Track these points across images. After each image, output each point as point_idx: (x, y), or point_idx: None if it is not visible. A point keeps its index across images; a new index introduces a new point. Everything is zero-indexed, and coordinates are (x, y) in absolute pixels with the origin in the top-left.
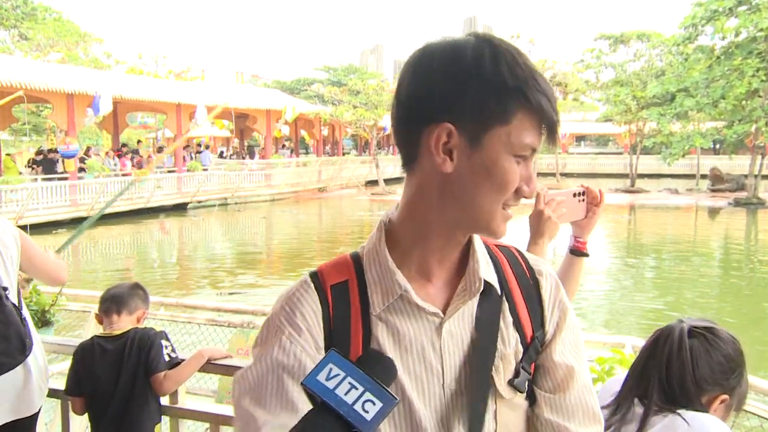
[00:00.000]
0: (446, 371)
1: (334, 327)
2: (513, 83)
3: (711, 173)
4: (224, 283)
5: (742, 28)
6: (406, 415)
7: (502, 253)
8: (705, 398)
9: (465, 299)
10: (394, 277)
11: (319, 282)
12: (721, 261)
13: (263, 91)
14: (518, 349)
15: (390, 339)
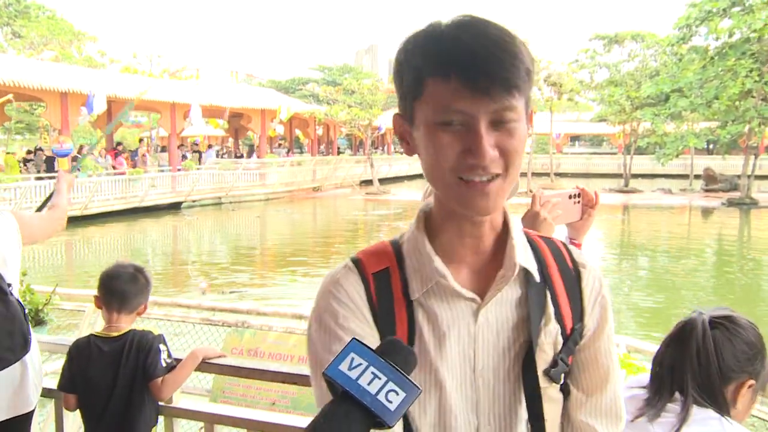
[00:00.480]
0: (478, 357)
1: (378, 312)
2: (421, 55)
3: (704, 173)
4: (219, 281)
5: (735, 29)
6: (439, 400)
7: (545, 244)
8: (732, 386)
9: (502, 285)
10: (433, 264)
11: (361, 269)
12: (715, 260)
13: (258, 90)
14: (557, 340)
15: (428, 324)
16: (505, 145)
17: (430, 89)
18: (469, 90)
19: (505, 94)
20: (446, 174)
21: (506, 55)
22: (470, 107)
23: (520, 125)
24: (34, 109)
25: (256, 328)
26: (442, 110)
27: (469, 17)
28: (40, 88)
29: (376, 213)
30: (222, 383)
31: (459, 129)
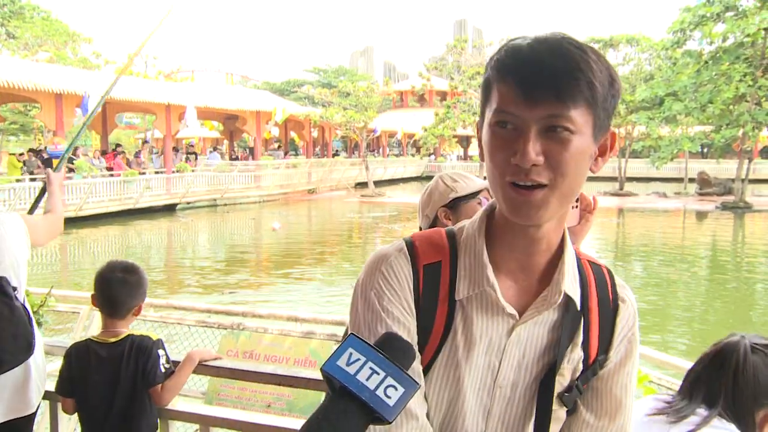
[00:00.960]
0: (502, 369)
1: (422, 302)
2: (495, 65)
3: (699, 177)
4: (215, 282)
5: (729, 34)
6: (453, 397)
7: (592, 271)
8: (763, 412)
9: (542, 309)
10: (485, 271)
11: (414, 257)
12: (709, 264)
13: (253, 92)
14: (578, 367)
15: (463, 326)
16: (553, 153)
17: (494, 94)
18: (522, 95)
19: (556, 102)
20: (497, 175)
21: (564, 67)
22: (522, 111)
23: (576, 138)
24: (28, 110)
25: (252, 330)
26: (499, 112)
27: (553, 34)
28: (34, 89)
29: (371, 215)
30: (217, 385)
31: (511, 131)
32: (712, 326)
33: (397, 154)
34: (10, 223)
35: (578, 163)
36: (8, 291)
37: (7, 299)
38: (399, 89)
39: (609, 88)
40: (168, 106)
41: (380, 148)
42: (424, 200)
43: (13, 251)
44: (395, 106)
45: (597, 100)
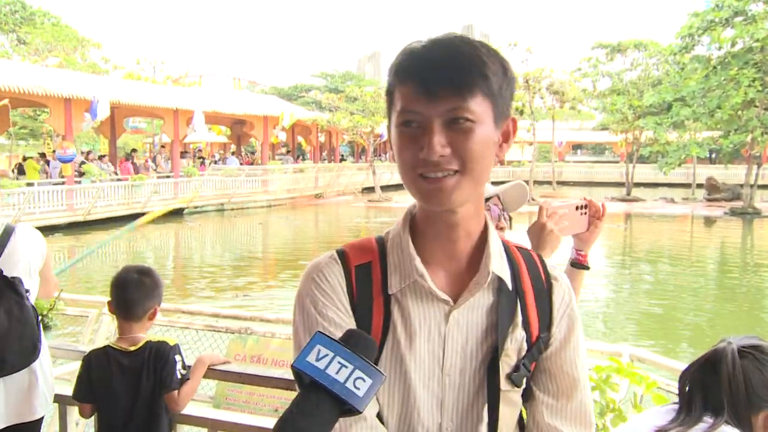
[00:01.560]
0: (447, 357)
1: (357, 302)
2: (393, 70)
3: (707, 183)
4: (223, 286)
5: (738, 39)
6: (404, 393)
7: (520, 254)
8: (762, 415)
9: (475, 291)
10: (413, 262)
11: (345, 260)
12: (718, 269)
13: (260, 97)
14: (522, 346)
15: (401, 319)
16: (459, 143)
17: (397, 97)
18: (423, 93)
19: (455, 96)
20: (408, 171)
21: (459, 62)
22: (424, 108)
23: (477, 127)
24: (38, 114)
25: (260, 334)
26: (403, 112)
27: (446, 35)
28: (44, 93)
29: (378, 220)
30: (225, 390)
31: (416, 129)
32: (721, 332)
33: None
34: (28, 233)
35: (483, 150)
36: (20, 291)
37: (19, 298)
38: None
39: (503, 78)
40: (176, 111)
41: (387, 153)
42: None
43: (27, 259)
44: None
45: (493, 90)
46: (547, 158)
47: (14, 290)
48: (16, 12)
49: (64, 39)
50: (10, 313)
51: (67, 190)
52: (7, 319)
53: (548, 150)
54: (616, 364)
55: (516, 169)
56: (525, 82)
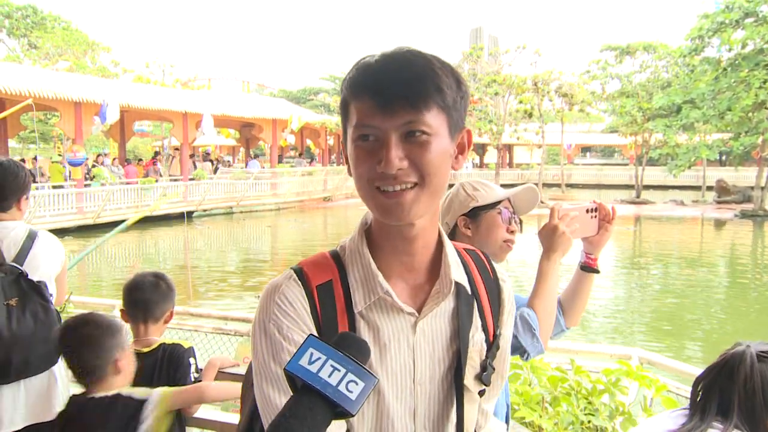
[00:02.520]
0: (417, 367)
1: (322, 323)
2: (347, 85)
3: (717, 185)
4: (234, 289)
5: (748, 40)
6: (376, 407)
7: (469, 256)
8: None
9: (438, 300)
10: (377, 279)
11: (305, 280)
12: (728, 272)
13: (269, 100)
14: (482, 347)
15: (370, 335)
16: (416, 156)
17: (353, 111)
18: (378, 107)
19: (411, 109)
20: (365, 184)
21: (413, 76)
22: (380, 122)
23: (434, 139)
24: (48, 118)
25: None
26: (359, 127)
27: (398, 48)
28: (54, 97)
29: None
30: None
31: (373, 143)
32: (732, 335)
33: None
34: (50, 240)
35: (440, 162)
36: (46, 294)
37: (44, 301)
38: None
39: (457, 91)
40: (185, 114)
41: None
42: (444, 208)
43: (48, 264)
44: None
45: (447, 103)
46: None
47: (40, 294)
48: (27, 17)
49: (74, 43)
50: (35, 316)
51: (77, 193)
52: (32, 322)
53: (557, 153)
54: (626, 367)
55: (525, 171)
56: (534, 85)
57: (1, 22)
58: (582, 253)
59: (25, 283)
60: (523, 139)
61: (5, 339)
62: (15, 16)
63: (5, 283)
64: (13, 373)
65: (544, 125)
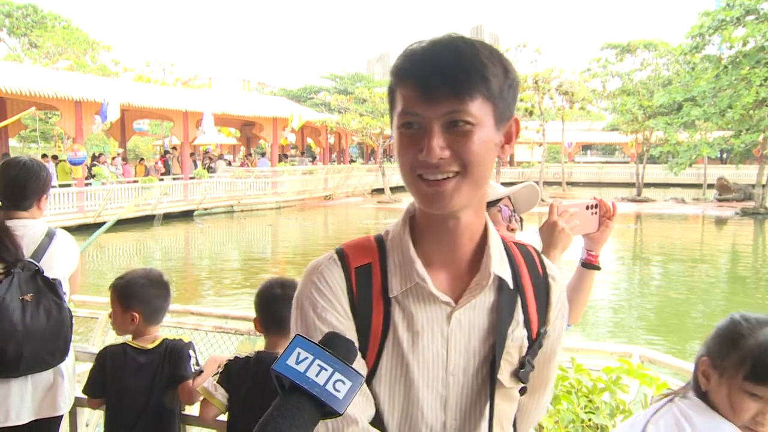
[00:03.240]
0: (451, 357)
1: (357, 304)
2: (394, 71)
3: (718, 183)
4: (234, 287)
5: (749, 38)
6: (407, 394)
7: (519, 251)
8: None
9: (476, 292)
10: (414, 266)
11: (345, 262)
12: (729, 270)
13: (269, 98)
14: (523, 344)
15: (404, 321)
16: (458, 146)
17: (398, 98)
18: (423, 96)
19: (454, 99)
20: (408, 171)
21: (458, 65)
22: (424, 110)
23: (477, 129)
24: (48, 117)
25: None
26: (403, 114)
27: (447, 35)
28: (55, 96)
29: (388, 221)
30: None
31: (417, 130)
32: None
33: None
34: (67, 239)
35: (484, 152)
36: (60, 292)
37: (58, 299)
38: None
39: (504, 80)
40: (185, 113)
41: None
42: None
43: (63, 263)
44: None
45: (493, 93)
46: (557, 159)
47: (54, 291)
48: (27, 16)
49: (74, 42)
50: (49, 313)
51: (78, 192)
52: (46, 319)
53: (558, 151)
54: (626, 365)
55: (526, 170)
56: (534, 83)
57: (2, 21)
58: (583, 250)
59: (41, 280)
60: (523, 137)
61: (18, 333)
62: (15, 15)
63: (22, 279)
64: (23, 367)
65: (544, 123)
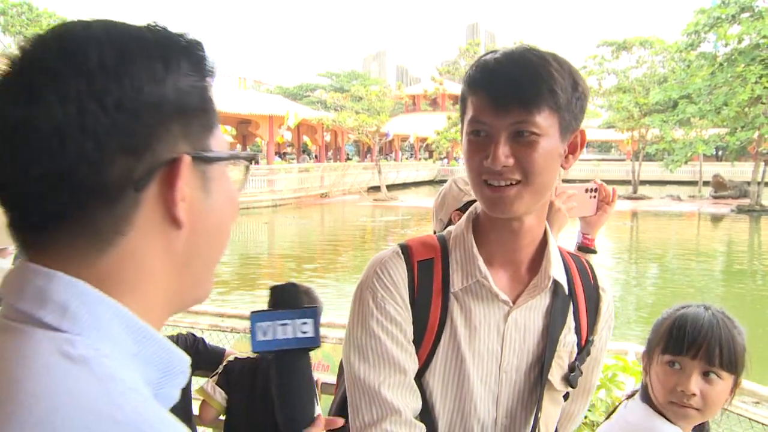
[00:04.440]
0: (505, 355)
1: (417, 297)
2: (467, 79)
3: (713, 180)
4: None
5: (744, 35)
6: (461, 388)
7: (573, 261)
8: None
9: (534, 294)
10: (477, 263)
11: (408, 256)
12: (725, 267)
13: (266, 96)
14: (573, 349)
15: (462, 317)
16: (522, 156)
17: (468, 106)
18: (491, 105)
19: (522, 110)
20: (475, 176)
21: (527, 78)
22: (492, 119)
23: (542, 140)
24: None
25: None
26: (473, 122)
27: (519, 47)
28: None
29: (384, 219)
30: None
31: (484, 138)
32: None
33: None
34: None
35: (547, 162)
36: None
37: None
38: (411, 93)
39: (572, 92)
40: None
41: (393, 152)
42: (438, 204)
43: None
44: (408, 110)
45: (560, 105)
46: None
47: None
48: (22, 14)
49: None
50: None
51: None
52: None
53: None
54: (622, 362)
55: None
56: None
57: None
58: (579, 234)
59: None
60: None
61: None
62: (10, 12)
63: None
64: None
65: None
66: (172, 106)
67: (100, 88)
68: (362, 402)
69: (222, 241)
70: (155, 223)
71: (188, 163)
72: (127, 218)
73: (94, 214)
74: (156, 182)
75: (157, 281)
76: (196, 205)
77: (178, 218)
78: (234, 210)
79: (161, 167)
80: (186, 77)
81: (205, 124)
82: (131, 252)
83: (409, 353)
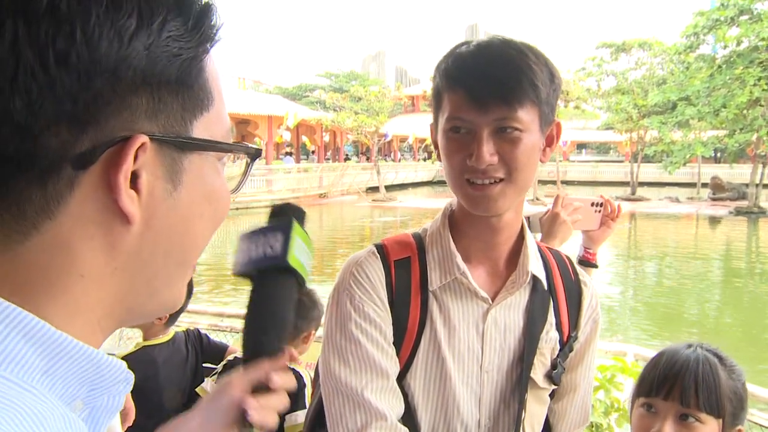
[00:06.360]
0: (485, 354)
1: (395, 297)
2: (443, 74)
3: (712, 182)
4: (229, 285)
5: (743, 38)
6: (443, 390)
7: (552, 256)
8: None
9: (513, 290)
10: (455, 260)
11: (384, 255)
12: (723, 269)
13: (265, 96)
14: (555, 346)
15: (441, 316)
16: (506, 152)
17: (445, 102)
18: (473, 102)
19: (504, 106)
20: (456, 175)
21: (509, 73)
22: (473, 116)
23: (525, 135)
24: None
25: None
26: (452, 118)
27: (493, 38)
28: None
29: (383, 220)
30: None
31: (465, 136)
32: (727, 331)
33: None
34: None
35: (529, 158)
36: None
37: None
38: (410, 94)
39: (550, 85)
40: None
41: (392, 153)
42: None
43: None
44: (406, 110)
45: (540, 98)
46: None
47: None
48: None
49: None
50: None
51: None
52: None
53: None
54: (621, 363)
55: None
56: None
57: None
58: (581, 247)
59: None
60: None
61: None
62: None
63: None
64: None
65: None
66: (137, 73)
67: (43, 35)
68: (345, 408)
69: (192, 244)
70: (94, 212)
71: (148, 146)
72: (60, 199)
73: (18, 189)
74: (101, 163)
75: (93, 284)
76: (157, 198)
77: (124, 209)
78: (217, 211)
79: (110, 146)
80: (170, 41)
81: (188, 104)
82: (59, 244)
83: (390, 356)
